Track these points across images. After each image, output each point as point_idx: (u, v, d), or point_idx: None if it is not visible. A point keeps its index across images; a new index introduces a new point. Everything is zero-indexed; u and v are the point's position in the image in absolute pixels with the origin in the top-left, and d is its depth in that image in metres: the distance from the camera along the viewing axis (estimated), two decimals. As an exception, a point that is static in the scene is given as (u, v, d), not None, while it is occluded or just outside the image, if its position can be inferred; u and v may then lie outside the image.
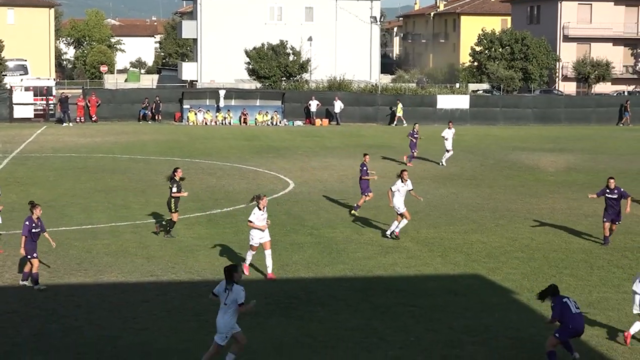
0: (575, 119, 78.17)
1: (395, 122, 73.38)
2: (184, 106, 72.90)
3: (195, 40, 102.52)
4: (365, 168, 33.14)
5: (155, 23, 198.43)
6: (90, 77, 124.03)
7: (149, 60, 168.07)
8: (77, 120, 70.86)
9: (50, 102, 72.37)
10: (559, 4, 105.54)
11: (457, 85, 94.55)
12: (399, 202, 28.53)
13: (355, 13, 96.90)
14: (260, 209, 23.11)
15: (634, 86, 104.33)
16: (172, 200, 28.04)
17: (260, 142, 57.44)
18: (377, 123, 74.11)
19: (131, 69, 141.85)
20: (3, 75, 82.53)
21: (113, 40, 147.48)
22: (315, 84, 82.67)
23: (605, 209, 28.09)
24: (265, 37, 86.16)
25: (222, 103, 72.71)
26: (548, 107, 79.03)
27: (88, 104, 71.77)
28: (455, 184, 40.20)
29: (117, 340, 18.09)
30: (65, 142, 56.22)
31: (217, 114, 72.62)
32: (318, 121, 72.52)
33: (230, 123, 71.98)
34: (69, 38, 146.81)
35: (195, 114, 72.13)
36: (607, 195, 28.03)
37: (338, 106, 72.81)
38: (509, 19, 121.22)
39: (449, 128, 48.01)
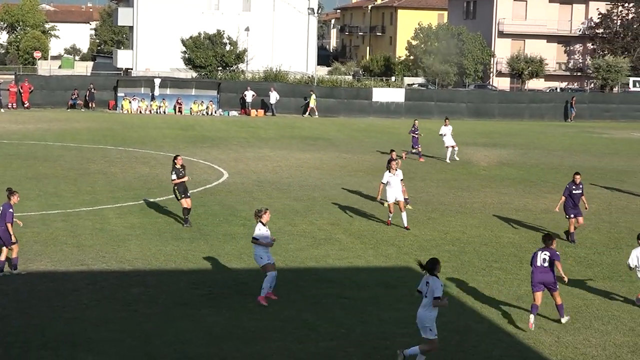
0: (509, 114, 79.13)
1: (308, 113, 73.49)
2: (119, 94, 72.34)
3: (131, 27, 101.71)
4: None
5: (91, 9, 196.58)
6: (23, 63, 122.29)
7: (84, 47, 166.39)
8: (9, 107, 69.90)
9: (-19, 88, 71.28)
10: (495, 0, 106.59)
11: (393, 78, 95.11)
12: (388, 194, 29.04)
13: (293, 4, 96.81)
14: (263, 224, 20.81)
15: (566, 83, 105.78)
16: (175, 188, 28.14)
17: (195, 132, 57.21)
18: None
19: (65, 55, 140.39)
20: None
21: (47, 26, 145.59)
22: (252, 74, 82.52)
23: (569, 205, 27.89)
24: (202, 26, 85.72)
25: (157, 92, 72.27)
26: (482, 102, 79.83)
27: (20, 90, 70.85)
28: (388, 176, 40.35)
29: (46, 330, 17.90)
30: (-4, 128, 55.40)
31: (152, 102, 72.15)
32: (253, 112, 72.47)
33: (165, 112, 71.57)
34: (2, 23, 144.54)
35: (130, 102, 71.61)
36: (573, 191, 28.06)
37: (274, 97, 72.81)
38: (445, 13, 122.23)
39: (445, 125, 47.74)
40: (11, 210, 22.10)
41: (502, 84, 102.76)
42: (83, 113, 68.29)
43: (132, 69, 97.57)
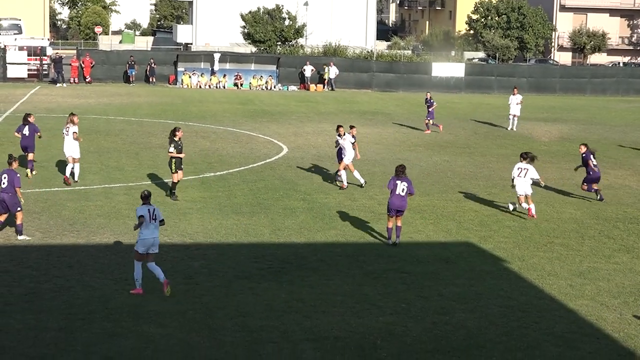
0: (570, 89, 78.24)
1: (325, 86, 72.92)
2: (179, 69, 72.74)
3: (190, 2, 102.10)
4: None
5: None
6: (84, 38, 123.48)
7: (144, 22, 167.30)
8: (71, 81, 70.65)
9: (44, 62, 72.10)
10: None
11: (453, 53, 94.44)
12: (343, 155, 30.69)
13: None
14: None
15: (629, 57, 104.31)
16: (172, 160, 28.10)
17: (254, 107, 57.33)
18: (372, 89, 74.02)
19: (126, 30, 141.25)
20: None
21: (108, 1, 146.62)
22: (311, 49, 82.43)
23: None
24: (261, 1, 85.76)
25: (216, 66, 72.53)
26: (543, 76, 79.00)
27: (82, 65, 71.54)
28: (448, 152, 40.20)
29: (109, 302, 18.11)
30: (58, 102, 56.05)
31: (212, 77, 72.44)
32: (312, 86, 72.38)
33: (224, 87, 71.83)
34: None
35: (190, 77, 71.98)
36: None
37: (333, 72, 72.66)
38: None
39: (513, 95, 49.61)
40: (18, 175, 22.93)
41: (564, 58, 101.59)
42: (144, 88, 68.76)
43: (191, 44, 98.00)
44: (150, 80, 71.96)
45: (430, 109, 47.29)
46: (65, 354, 15.33)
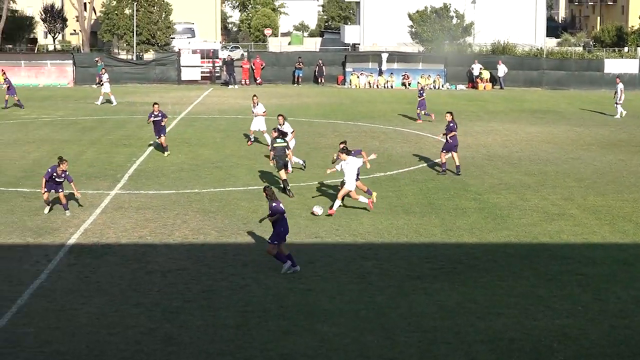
0: None
1: (497, 84, 71.77)
2: (347, 69, 73.25)
3: (357, 3, 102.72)
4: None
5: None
6: (254, 40, 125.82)
7: (312, 24, 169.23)
8: (242, 83, 72.12)
9: (216, 64, 73.87)
10: None
11: (626, 49, 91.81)
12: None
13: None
14: None
15: None
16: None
17: (422, 106, 57.09)
18: (542, 88, 72.76)
19: (294, 32, 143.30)
20: (171, 38, 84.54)
21: (277, 3, 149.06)
22: (479, 47, 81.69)
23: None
24: (428, 0, 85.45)
25: (384, 66, 72.73)
26: None
27: (252, 66, 72.94)
28: (623, 150, 39.11)
29: (283, 300, 18.40)
30: (230, 104, 57.33)
31: (380, 77, 72.66)
32: (481, 85, 71.64)
33: (392, 86, 71.94)
34: (234, 1, 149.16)
35: (358, 77, 72.39)
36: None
37: (502, 70, 71.78)
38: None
39: (617, 83, 51.81)
40: (50, 170, 25.88)
41: None
42: (312, 88, 69.56)
43: (359, 44, 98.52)
44: (319, 81, 72.75)
45: (420, 99, 48.77)
46: (243, 351, 15.65)
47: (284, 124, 32.57)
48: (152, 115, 35.98)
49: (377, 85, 71.98)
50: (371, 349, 15.82)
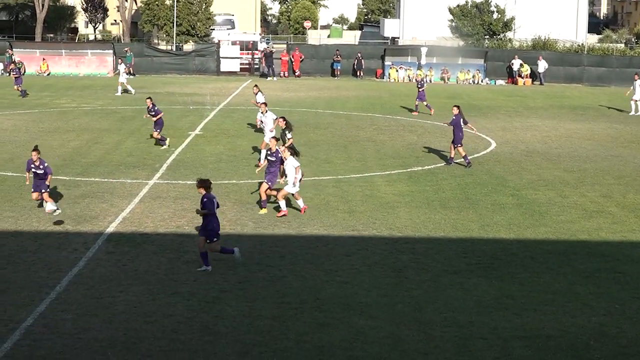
0: None
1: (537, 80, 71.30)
2: (386, 63, 73.13)
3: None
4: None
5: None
6: (294, 33, 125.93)
7: (352, 17, 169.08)
8: (281, 75, 72.21)
9: (255, 56, 74.02)
10: None
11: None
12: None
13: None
14: None
15: None
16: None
17: (461, 101, 56.73)
18: (583, 84, 72.25)
19: (334, 25, 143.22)
20: (211, 29, 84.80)
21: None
22: (519, 42, 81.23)
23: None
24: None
25: (423, 60, 72.53)
26: None
27: (292, 59, 73.02)
28: (664, 148, 38.75)
29: (319, 292, 18.42)
30: (269, 96, 57.26)
31: (419, 71, 72.43)
32: (520, 80, 71.22)
33: (431, 81, 71.71)
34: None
35: (397, 70, 72.25)
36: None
37: (542, 66, 71.34)
38: None
39: (635, 79, 51.49)
40: (27, 162, 24.88)
41: None
42: (351, 81, 69.52)
43: (398, 38, 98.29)
44: (358, 74, 72.68)
45: (421, 90, 48.76)
46: (279, 342, 15.69)
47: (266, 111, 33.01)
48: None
49: (416, 79, 71.72)
50: (407, 343, 15.80)
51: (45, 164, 24.79)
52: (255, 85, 40.09)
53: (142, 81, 66.51)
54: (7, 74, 64.29)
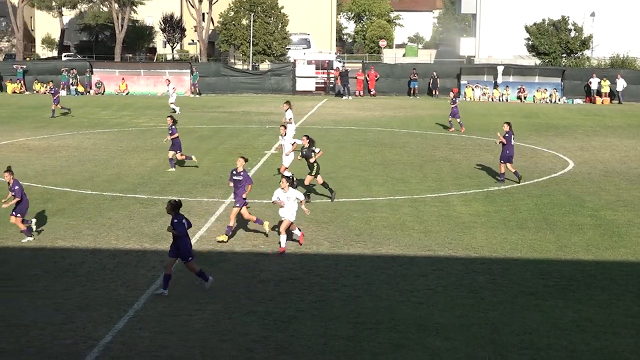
0: None
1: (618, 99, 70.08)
2: (462, 82, 72.80)
3: (474, 15, 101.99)
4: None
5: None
6: (369, 52, 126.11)
7: (427, 35, 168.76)
8: (356, 94, 72.32)
9: (331, 75, 74.26)
10: None
11: None
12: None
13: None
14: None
15: None
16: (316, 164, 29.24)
17: (538, 120, 56.49)
18: (664, 103, 71.08)
19: (409, 43, 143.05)
20: (287, 48, 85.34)
21: (392, 15, 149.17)
22: (597, 61, 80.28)
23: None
24: (546, 13, 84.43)
25: (499, 79, 72.06)
26: None
27: (367, 78, 73.10)
28: None
29: (395, 312, 18.35)
30: (344, 115, 57.55)
31: (495, 90, 72.01)
32: (599, 99, 70.32)
33: (507, 99, 71.21)
34: (349, 13, 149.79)
35: (473, 89, 71.88)
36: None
37: (621, 84, 70.37)
38: None
39: None
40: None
41: None
42: (427, 101, 69.36)
43: (474, 57, 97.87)
44: (434, 93, 72.48)
45: (453, 106, 48.87)
46: (354, 363, 15.68)
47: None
48: None
49: (492, 98, 71.33)
50: (483, 365, 15.68)
51: (16, 187, 23.81)
52: (287, 102, 39.17)
53: (219, 100, 67.21)
54: (76, 94, 65.72)
